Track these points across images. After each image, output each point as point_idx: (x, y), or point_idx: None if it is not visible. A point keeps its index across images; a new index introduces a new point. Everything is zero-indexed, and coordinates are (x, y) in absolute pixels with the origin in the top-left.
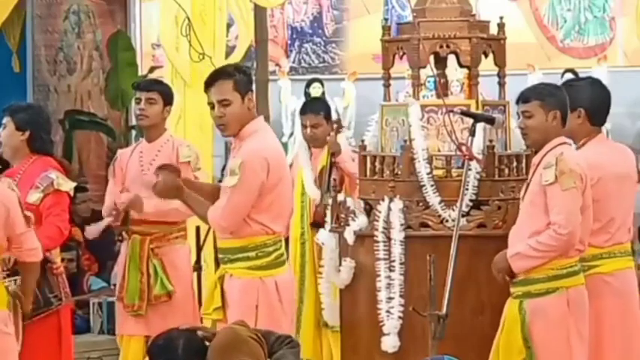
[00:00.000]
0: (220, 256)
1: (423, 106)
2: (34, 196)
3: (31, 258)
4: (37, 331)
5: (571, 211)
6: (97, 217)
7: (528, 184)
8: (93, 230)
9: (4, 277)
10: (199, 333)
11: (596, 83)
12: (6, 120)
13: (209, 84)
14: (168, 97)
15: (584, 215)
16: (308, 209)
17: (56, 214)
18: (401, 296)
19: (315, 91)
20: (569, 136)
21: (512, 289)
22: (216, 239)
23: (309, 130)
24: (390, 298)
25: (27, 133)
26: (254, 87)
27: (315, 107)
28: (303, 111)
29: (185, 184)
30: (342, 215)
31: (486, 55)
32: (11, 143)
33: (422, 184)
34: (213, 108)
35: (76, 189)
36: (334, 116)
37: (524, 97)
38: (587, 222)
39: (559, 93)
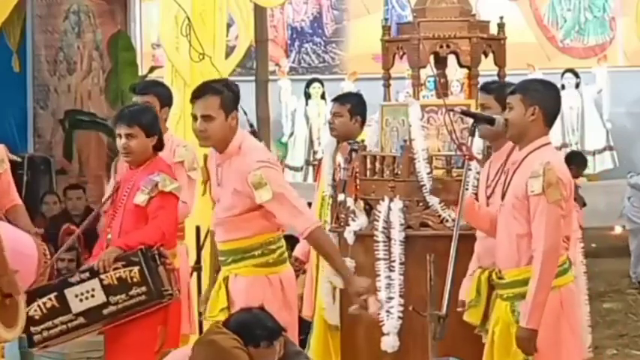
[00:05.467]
0: (222, 258)
1: (423, 106)
2: (140, 198)
3: None
4: (143, 324)
5: (554, 233)
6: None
7: (508, 184)
8: None
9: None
10: None
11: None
12: (131, 130)
13: (196, 96)
14: (165, 99)
15: (570, 213)
16: (326, 207)
17: (161, 217)
18: (401, 296)
19: (315, 91)
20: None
21: (501, 291)
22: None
23: (331, 118)
24: (390, 298)
25: (155, 138)
26: (254, 87)
27: (342, 98)
28: (334, 100)
29: None
30: (342, 215)
31: (486, 55)
32: (145, 151)
33: (422, 184)
34: (195, 120)
35: (70, 187)
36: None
37: (511, 90)
38: (571, 218)
39: (544, 90)
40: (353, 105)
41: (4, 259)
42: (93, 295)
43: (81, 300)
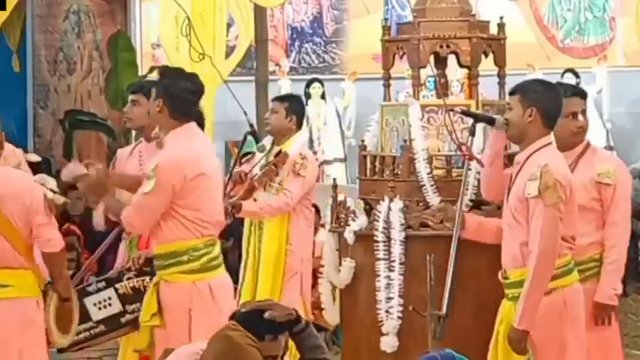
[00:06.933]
0: (155, 263)
1: (423, 106)
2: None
3: (48, 249)
4: None
5: (550, 235)
6: (91, 215)
7: (511, 187)
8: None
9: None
10: None
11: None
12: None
13: None
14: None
15: (572, 213)
16: None
17: None
18: (400, 296)
19: (315, 91)
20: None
21: (506, 291)
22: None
23: (268, 114)
24: (390, 298)
25: None
26: (254, 87)
27: (282, 97)
28: (273, 99)
29: (118, 177)
30: (342, 215)
31: (486, 55)
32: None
33: (422, 184)
34: None
35: (69, 187)
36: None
37: (511, 90)
38: (574, 219)
39: (544, 91)
40: (290, 104)
41: (62, 261)
42: (110, 304)
43: (99, 308)
